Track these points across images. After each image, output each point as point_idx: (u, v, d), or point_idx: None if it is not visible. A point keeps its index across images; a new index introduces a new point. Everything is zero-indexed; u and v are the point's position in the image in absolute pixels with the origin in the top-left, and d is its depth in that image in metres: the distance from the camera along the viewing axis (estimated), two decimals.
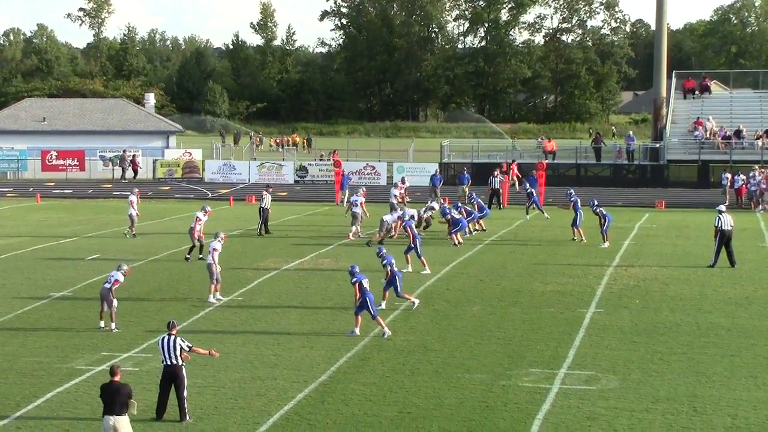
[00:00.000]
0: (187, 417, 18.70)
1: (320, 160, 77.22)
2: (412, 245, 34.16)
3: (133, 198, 43.31)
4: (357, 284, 25.35)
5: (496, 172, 55.86)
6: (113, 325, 25.93)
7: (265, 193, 44.54)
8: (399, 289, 27.79)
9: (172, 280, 33.00)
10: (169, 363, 18.89)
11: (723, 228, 34.90)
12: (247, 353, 23.68)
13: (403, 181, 52.28)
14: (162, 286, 31.94)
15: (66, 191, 65.39)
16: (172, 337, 19.12)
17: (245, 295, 30.38)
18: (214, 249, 29.28)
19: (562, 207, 41.35)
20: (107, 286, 26.07)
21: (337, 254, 38.18)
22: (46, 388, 20.93)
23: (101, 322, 26.16)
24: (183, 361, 19.02)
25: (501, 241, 41.86)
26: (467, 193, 55.87)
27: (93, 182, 70.74)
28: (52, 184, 69.33)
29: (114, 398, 16.73)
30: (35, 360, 22.99)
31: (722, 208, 36.37)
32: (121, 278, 26.33)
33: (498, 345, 24.43)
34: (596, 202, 41.21)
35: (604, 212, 40.22)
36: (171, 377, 18.86)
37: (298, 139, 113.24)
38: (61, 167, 73.81)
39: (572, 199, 41.81)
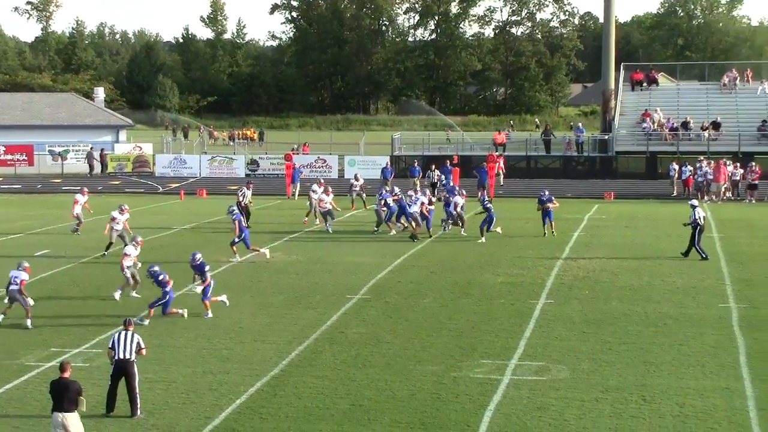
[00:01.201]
0: (138, 412, 18.65)
1: (294, 152, 76.72)
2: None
3: (80, 197, 42.98)
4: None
5: (433, 166, 56.18)
6: (28, 323, 25.61)
7: (245, 189, 44.28)
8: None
9: (121, 275, 32.77)
10: (122, 357, 18.82)
11: (701, 222, 35.34)
12: (199, 347, 23.65)
13: (356, 177, 52.33)
14: (112, 281, 31.73)
15: (14, 186, 64.80)
16: (130, 333, 19.08)
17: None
18: (126, 254, 29.14)
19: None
20: (14, 287, 25.78)
21: (288, 248, 38.18)
22: None
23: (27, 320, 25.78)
24: (136, 357, 18.96)
25: (453, 233, 41.98)
26: (417, 186, 56.07)
27: (42, 177, 70.11)
28: (1, 179, 68.65)
29: (63, 395, 16.62)
30: None
31: (695, 202, 36.95)
32: (26, 276, 26.03)
33: (449, 337, 24.56)
34: (486, 198, 42.28)
35: (491, 209, 40.42)
36: (122, 372, 18.80)
37: (250, 132, 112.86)
38: (9, 162, 73.04)
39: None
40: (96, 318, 26.74)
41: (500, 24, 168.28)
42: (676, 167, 57.41)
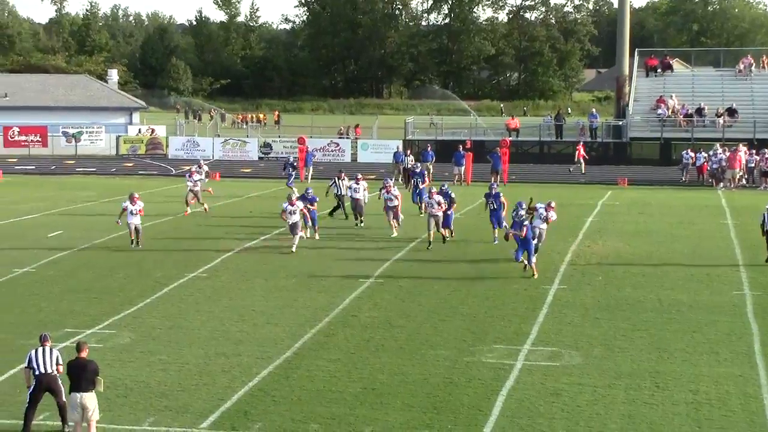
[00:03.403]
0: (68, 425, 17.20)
1: (339, 136, 76.49)
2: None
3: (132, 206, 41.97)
4: None
5: (408, 152, 56.19)
6: None
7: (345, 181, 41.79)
8: None
9: (135, 256, 32.86)
10: (44, 371, 16.97)
11: None
12: (212, 329, 23.65)
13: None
14: (125, 262, 31.79)
15: (29, 167, 64.91)
16: (47, 347, 17.35)
17: (209, 272, 30.31)
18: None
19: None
20: None
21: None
22: (9, 364, 20.79)
23: None
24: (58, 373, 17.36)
25: (465, 218, 41.92)
26: (430, 170, 56.04)
27: (56, 158, 70.21)
28: (15, 160, 68.78)
29: (81, 375, 16.45)
30: None
31: None
32: None
33: (462, 321, 24.52)
34: (495, 185, 37.84)
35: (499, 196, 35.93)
36: (46, 387, 17.17)
37: (262, 115, 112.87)
38: (23, 143, 73.26)
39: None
40: (109, 299, 26.75)
41: (514, 8, 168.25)
42: (691, 154, 57.22)
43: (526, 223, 29.44)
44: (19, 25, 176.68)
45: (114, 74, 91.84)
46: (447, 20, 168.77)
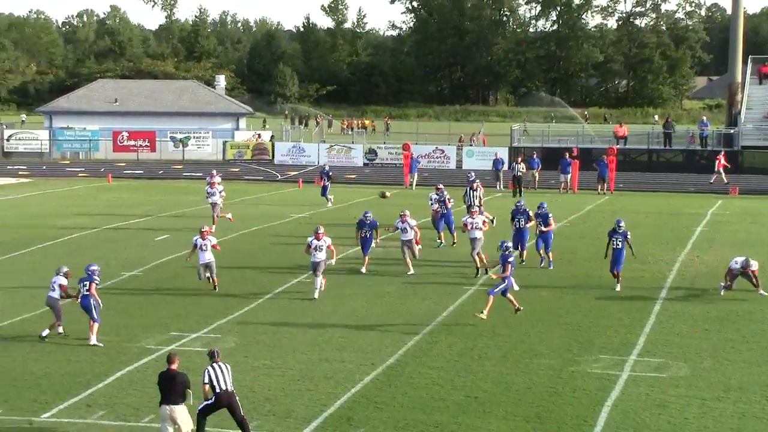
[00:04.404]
0: None
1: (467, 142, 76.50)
2: None
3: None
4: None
5: (519, 159, 55.24)
6: (45, 332, 23.37)
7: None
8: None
9: (240, 260, 33.12)
10: (224, 389, 16.76)
11: None
12: (315, 335, 23.70)
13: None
14: (230, 266, 32.06)
15: (137, 172, 65.98)
16: (221, 363, 16.98)
17: (313, 277, 30.35)
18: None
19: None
20: (54, 294, 23.56)
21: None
22: (116, 366, 21.10)
23: (45, 331, 23.36)
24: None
25: (571, 226, 41.49)
26: (536, 178, 55.65)
27: (163, 163, 71.28)
28: (123, 164, 70.01)
29: (171, 387, 16.43)
30: (105, 338, 23.13)
31: None
32: (66, 281, 23.69)
33: (566, 330, 24.23)
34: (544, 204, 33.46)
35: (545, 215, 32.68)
36: (227, 404, 16.84)
37: (368, 122, 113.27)
38: (132, 148, 74.49)
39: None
40: (214, 303, 26.99)
41: (623, 15, 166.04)
42: None
43: (511, 259, 25.46)
44: (130, 32, 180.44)
45: (222, 80, 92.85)
46: (555, 27, 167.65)
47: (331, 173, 49.80)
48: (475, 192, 39.44)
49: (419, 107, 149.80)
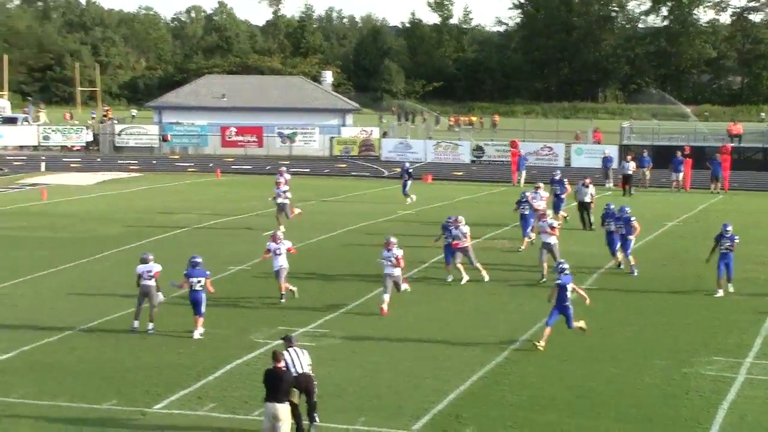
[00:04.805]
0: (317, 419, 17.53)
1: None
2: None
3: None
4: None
5: (629, 157, 54.32)
6: (150, 326, 23.58)
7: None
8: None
9: (349, 256, 33.18)
10: (301, 372, 17.08)
11: None
12: (423, 332, 23.58)
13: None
14: (337, 262, 32.13)
15: (245, 167, 66.52)
16: (296, 349, 17.39)
17: (420, 274, 30.30)
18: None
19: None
20: (150, 282, 23.64)
21: (512, 235, 37.70)
22: (225, 359, 21.24)
23: (135, 322, 23.78)
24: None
25: (683, 225, 40.77)
26: (647, 176, 54.90)
27: (271, 158, 71.78)
28: (232, 159, 70.66)
29: (277, 385, 16.34)
30: (215, 332, 23.34)
31: None
32: (159, 267, 23.81)
33: (679, 331, 23.77)
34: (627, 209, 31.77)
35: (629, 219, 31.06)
36: (304, 388, 17.15)
37: (474, 118, 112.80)
38: (239, 143, 75.11)
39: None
40: (322, 298, 27.04)
41: (737, 10, 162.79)
42: None
43: (559, 281, 22.71)
44: (237, 27, 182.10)
45: (328, 76, 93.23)
46: (666, 22, 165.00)
47: (411, 170, 49.33)
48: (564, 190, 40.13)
49: (526, 104, 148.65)
